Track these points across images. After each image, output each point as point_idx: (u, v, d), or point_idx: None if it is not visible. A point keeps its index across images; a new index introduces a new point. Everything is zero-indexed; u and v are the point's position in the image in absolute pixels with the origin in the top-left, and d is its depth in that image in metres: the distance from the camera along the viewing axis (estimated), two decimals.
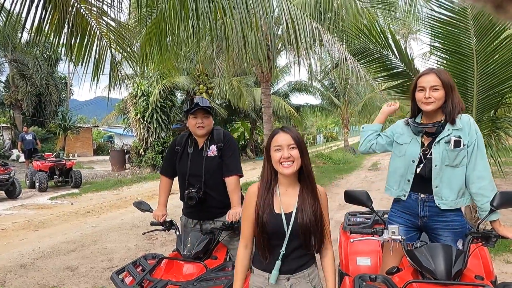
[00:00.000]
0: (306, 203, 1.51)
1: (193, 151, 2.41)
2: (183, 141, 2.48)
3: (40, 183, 9.96)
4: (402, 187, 1.91)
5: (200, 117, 2.35)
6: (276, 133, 1.56)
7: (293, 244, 1.51)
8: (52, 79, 20.03)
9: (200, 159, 2.38)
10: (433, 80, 1.79)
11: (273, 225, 1.51)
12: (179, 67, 16.15)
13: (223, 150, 2.37)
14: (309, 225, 1.48)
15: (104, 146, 29.97)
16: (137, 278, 1.93)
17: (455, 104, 1.79)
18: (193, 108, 2.33)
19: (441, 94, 1.78)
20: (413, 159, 1.86)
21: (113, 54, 4.72)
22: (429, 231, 1.92)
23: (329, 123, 44.86)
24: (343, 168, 13.99)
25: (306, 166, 1.53)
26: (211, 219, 2.41)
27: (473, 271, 1.59)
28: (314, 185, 1.55)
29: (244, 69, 10.90)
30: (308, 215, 1.49)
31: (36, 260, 4.43)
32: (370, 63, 4.97)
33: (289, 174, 1.51)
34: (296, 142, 1.52)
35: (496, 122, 4.26)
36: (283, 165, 1.50)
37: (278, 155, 1.51)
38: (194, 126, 2.36)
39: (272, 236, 1.53)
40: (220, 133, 2.44)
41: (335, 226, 5.48)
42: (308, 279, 1.55)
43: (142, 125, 14.00)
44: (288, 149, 1.50)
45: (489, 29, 3.63)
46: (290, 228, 1.49)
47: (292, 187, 1.57)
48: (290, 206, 1.53)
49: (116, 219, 6.54)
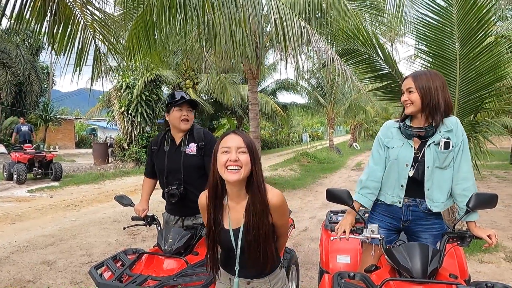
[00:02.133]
0: (254, 218, 1.38)
1: (170, 148, 2.38)
2: (159, 140, 2.45)
3: (18, 175, 9.67)
4: (397, 193, 1.89)
5: (185, 110, 2.31)
6: (227, 135, 1.42)
7: (244, 258, 1.46)
8: (34, 69, 19.42)
9: (177, 156, 2.34)
10: (408, 83, 1.85)
11: (223, 240, 1.47)
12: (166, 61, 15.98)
13: (205, 149, 2.34)
14: (258, 241, 1.40)
15: (87, 139, 29.38)
16: (116, 273, 1.90)
17: (434, 106, 1.79)
18: (179, 100, 2.29)
19: (415, 97, 1.81)
20: (406, 163, 1.85)
21: (98, 45, 4.62)
22: (410, 234, 1.95)
23: (315, 123, 45.22)
24: (327, 167, 14.14)
25: (256, 176, 1.38)
26: (193, 215, 2.39)
27: (448, 270, 1.64)
28: (264, 198, 1.40)
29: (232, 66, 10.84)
30: (256, 231, 1.39)
31: (11, 254, 4.31)
32: (357, 64, 5.03)
33: (233, 181, 1.35)
34: (248, 147, 1.37)
35: (475, 126, 4.38)
36: (228, 170, 1.35)
37: (224, 158, 1.35)
38: (178, 119, 2.30)
39: (224, 250, 1.52)
40: (201, 132, 2.40)
41: (318, 225, 5.55)
42: (269, 285, 1.54)
43: (126, 118, 13.77)
44: (236, 152, 1.35)
45: (473, 35, 3.72)
46: (239, 244, 1.43)
47: (241, 200, 1.44)
48: (238, 221, 1.44)
49: (97, 214, 6.42)
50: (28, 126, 12.28)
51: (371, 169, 1.95)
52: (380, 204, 1.98)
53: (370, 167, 1.96)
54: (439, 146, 1.79)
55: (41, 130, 20.90)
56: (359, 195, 1.94)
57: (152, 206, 2.53)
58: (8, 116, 19.45)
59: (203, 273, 1.86)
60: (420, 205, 1.87)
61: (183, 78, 16.31)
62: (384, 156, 1.94)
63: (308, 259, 4.09)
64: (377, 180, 1.93)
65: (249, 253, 1.43)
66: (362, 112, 21.05)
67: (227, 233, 1.45)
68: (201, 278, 1.80)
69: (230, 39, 3.97)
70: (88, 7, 3.97)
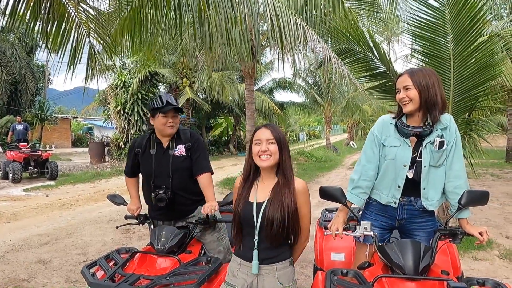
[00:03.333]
0: (278, 197, 1.56)
1: (157, 151, 2.34)
2: (144, 142, 2.39)
3: (14, 174, 9.62)
4: (393, 193, 1.86)
5: (171, 116, 2.28)
6: (259, 129, 1.66)
7: (262, 235, 1.57)
8: (29, 67, 19.32)
9: (166, 159, 2.30)
10: (404, 80, 1.80)
11: (244, 212, 1.60)
12: (162, 60, 15.93)
13: (192, 149, 2.33)
14: (276, 219, 1.53)
15: (83, 138, 29.26)
16: (108, 272, 1.89)
17: (433, 102, 1.76)
18: (165, 106, 2.25)
19: (413, 94, 1.76)
20: (404, 164, 1.81)
21: (92, 43, 4.59)
22: (404, 232, 1.95)
23: (312, 121, 45.28)
24: (324, 165, 14.17)
25: (283, 162, 1.61)
26: (182, 218, 2.36)
27: (440, 267, 1.65)
28: (291, 181, 1.60)
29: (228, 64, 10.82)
30: (277, 208, 1.54)
31: (6, 253, 4.28)
32: (354, 63, 5.03)
33: (264, 166, 1.60)
34: (276, 138, 1.60)
35: (470, 124, 4.40)
36: (261, 158, 1.59)
37: (257, 149, 1.60)
38: (163, 125, 2.27)
39: (244, 225, 1.61)
40: (187, 132, 2.39)
41: (313, 223, 5.57)
42: (276, 274, 1.57)
43: (122, 117, 13.73)
44: (266, 143, 1.59)
45: (465, 33, 3.74)
46: (259, 218, 1.56)
47: (270, 181, 1.65)
48: (264, 198, 1.60)
49: (92, 212, 6.40)
50: (23, 125, 12.19)
51: (363, 167, 1.91)
52: (373, 203, 1.96)
53: (362, 165, 1.92)
54: (433, 145, 1.78)
55: (37, 129, 20.77)
56: (351, 195, 1.91)
57: (145, 205, 2.51)
58: (4, 115, 19.32)
59: (196, 271, 1.86)
60: (415, 203, 1.86)
61: (180, 77, 16.25)
62: (378, 154, 1.89)
63: (304, 256, 4.09)
64: (370, 179, 1.90)
65: (267, 230, 1.54)
66: (359, 111, 21.10)
67: (250, 205, 1.60)
68: (193, 277, 1.80)
69: (226, 38, 3.97)
70: (82, 4, 3.94)
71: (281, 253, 1.60)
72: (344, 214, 1.89)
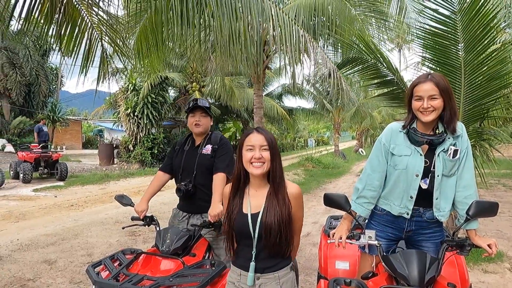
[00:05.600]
0: (273, 205, 1.51)
1: (189, 148, 2.57)
2: (183, 140, 2.67)
3: (24, 174, 9.77)
4: (405, 204, 1.79)
5: (198, 115, 2.48)
6: (250, 133, 1.56)
7: (260, 245, 1.52)
8: (43, 69, 19.72)
9: (194, 155, 2.51)
10: (431, 89, 1.68)
11: (240, 224, 1.54)
12: (172, 64, 16.09)
13: (217, 150, 2.49)
14: (275, 226, 1.48)
15: (94, 140, 29.62)
16: (113, 272, 1.90)
17: (454, 111, 1.71)
18: (191, 107, 2.48)
19: (440, 103, 1.68)
20: (416, 173, 1.74)
21: (104, 47, 4.66)
22: (411, 243, 1.90)
23: (321, 127, 45.11)
24: (332, 172, 14.07)
25: (276, 169, 1.54)
26: (200, 213, 2.47)
27: (446, 279, 1.61)
28: (283, 187, 1.55)
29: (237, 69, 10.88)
30: (274, 216, 1.49)
31: (13, 252, 4.34)
32: (363, 71, 5.01)
33: (258, 174, 1.52)
34: (269, 144, 1.53)
35: (481, 134, 4.33)
36: (253, 166, 1.51)
37: (249, 155, 1.51)
38: (191, 124, 2.50)
39: (241, 236, 1.56)
40: (218, 136, 2.59)
41: (320, 230, 5.51)
42: (278, 282, 1.54)
43: (132, 120, 13.87)
44: (260, 150, 1.51)
45: (478, 42, 3.69)
46: (257, 228, 1.50)
47: (262, 188, 1.58)
48: (258, 207, 1.54)
49: (99, 214, 6.45)
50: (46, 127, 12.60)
51: (368, 176, 1.86)
52: (379, 213, 1.90)
53: (367, 175, 1.87)
54: (447, 154, 1.72)
55: (49, 130, 21.09)
56: (356, 205, 1.87)
57: (155, 208, 2.55)
58: (17, 116, 19.71)
59: (199, 274, 1.86)
60: (423, 214, 1.81)
61: (190, 81, 16.40)
62: (384, 163, 1.83)
63: (309, 264, 4.06)
64: (375, 189, 1.85)
65: (266, 239, 1.49)
66: (368, 118, 20.95)
67: (245, 216, 1.53)
68: (197, 279, 1.79)
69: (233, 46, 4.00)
70: (94, 8, 4.02)
71: (282, 260, 1.57)
72: (348, 222, 1.86)
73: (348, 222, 1.86)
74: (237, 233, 1.55)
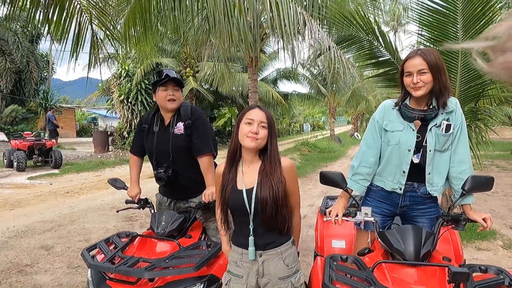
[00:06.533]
0: (267, 179, 1.52)
1: (159, 128, 2.29)
2: (150, 118, 2.35)
3: (18, 162, 9.69)
4: (398, 179, 1.81)
5: (171, 89, 2.21)
6: (252, 108, 1.57)
7: (257, 220, 1.53)
8: (33, 56, 19.29)
9: (166, 137, 2.25)
10: (419, 64, 1.69)
11: (235, 201, 1.54)
12: (165, 49, 15.81)
13: (192, 128, 2.22)
14: (270, 201, 1.49)
15: (88, 128, 29.35)
16: (108, 255, 1.90)
17: (445, 86, 1.70)
18: (163, 79, 2.19)
19: (429, 78, 1.68)
20: (408, 148, 1.75)
21: (95, 31, 4.54)
22: (406, 218, 1.92)
23: (317, 112, 45.02)
24: (327, 156, 14.12)
25: (272, 148, 1.55)
26: (185, 199, 2.36)
27: (441, 254, 1.62)
28: (277, 165, 1.55)
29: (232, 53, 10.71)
30: (268, 191, 1.49)
31: (9, 238, 4.33)
32: (358, 50, 4.94)
33: (251, 147, 1.51)
34: (268, 122, 1.53)
35: (476, 113, 4.33)
36: (249, 137, 1.51)
37: (247, 129, 1.51)
38: (164, 99, 2.20)
39: (236, 213, 1.56)
40: (187, 109, 2.26)
41: (316, 212, 5.55)
42: (281, 257, 1.55)
43: (126, 106, 13.73)
44: (258, 125, 1.51)
45: (476, 20, 3.64)
46: (252, 203, 1.51)
47: (254, 164, 1.59)
48: (252, 183, 1.55)
49: (95, 200, 6.44)
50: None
51: (363, 154, 1.87)
52: (375, 189, 1.92)
53: (362, 152, 1.88)
54: (440, 129, 1.72)
55: (41, 119, 20.82)
56: (351, 182, 1.88)
57: (147, 191, 2.50)
58: (9, 105, 19.39)
59: (195, 255, 1.86)
60: (418, 189, 1.82)
61: (183, 66, 16.17)
62: (378, 140, 1.85)
63: (305, 245, 4.09)
64: (370, 166, 1.86)
65: (262, 214, 1.49)
66: (364, 102, 20.91)
67: (240, 193, 1.53)
68: (192, 260, 1.79)
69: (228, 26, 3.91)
70: None
71: (281, 236, 1.58)
72: (344, 200, 1.86)
73: (344, 200, 1.86)
74: (232, 209, 1.56)
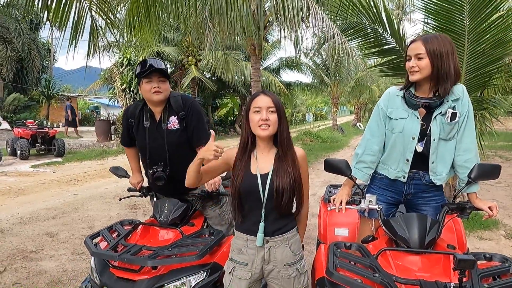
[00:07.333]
0: (283, 166, 1.52)
1: (150, 125, 2.13)
2: (137, 112, 2.16)
3: (22, 150, 9.72)
4: (402, 167, 1.79)
5: (156, 81, 2.04)
6: (257, 95, 1.55)
7: (269, 206, 1.52)
8: (34, 44, 19.18)
9: (160, 133, 2.10)
10: (417, 48, 1.66)
11: (248, 185, 1.52)
12: (167, 38, 15.64)
13: (186, 119, 2.10)
14: (285, 187, 1.49)
15: (90, 117, 29.36)
16: (111, 242, 1.90)
17: (445, 73, 1.64)
18: (146, 70, 2.01)
19: (426, 63, 1.64)
20: (412, 136, 1.73)
21: (94, 18, 4.48)
22: (411, 207, 1.90)
23: (319, 102, 44.81)
24: (330, 146, 14.08)
25: (283, 131, 1.54)
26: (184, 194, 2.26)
27: (446, 242, 1.61)
28: (291, 149, 1.56)
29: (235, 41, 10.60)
30: (284, 177, 1.50)
31: (14, 225, 4.36)
32: (362, 38, 4.85)
33: (264, 136, 1.52)
34: (276, 106, 1.52)
35: (482, 102, 4.28)
36: (261, 128, 1.50)
37: (256, 118, 1.51)
38: (148, 92, 2.04)
39: (248, 198, 1.54)
40: (178, 99, 2.12)
41: (318, 201, 5.56)
42: (287, 244, 1.55)
43: (128, 95, 13.65)
44: (267, 112, 1.50)
45: (483, 8, 3.57)
46: (267, 189, 1.50)
47: (269, 151, 1.58)
48: (266, 168, 1.54)
49: (99, 188, 6.47)
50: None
51: (367, 141, 1.85)
52: (379, 177, 1.91)
53: (366, 140, 1.86)
54: (445, 117, 1.68)
55: (44, 107, 20.85)
56: (355, 170, 1.87)
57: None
58: (11, 93, 19.39)
59: (198, 243, 1.86)
60: (423, 177, 1.80)
61: (185, 55, 16.04)
62: (383, 128, 1.82)
63: (308, 234, 4.10)
64: (374, 154, 1.84)
65: (276, 200, 1.49)
66: (367, 92, 20.74)
67: (254, 177, 1.52)
68: (195, 248, 1.79)
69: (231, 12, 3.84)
70: None
71: (289, 222, 1.58)
72: (348, 188, 1.85)
73: (348, 188, 1.85)
74: (244, 194, 1.53)
